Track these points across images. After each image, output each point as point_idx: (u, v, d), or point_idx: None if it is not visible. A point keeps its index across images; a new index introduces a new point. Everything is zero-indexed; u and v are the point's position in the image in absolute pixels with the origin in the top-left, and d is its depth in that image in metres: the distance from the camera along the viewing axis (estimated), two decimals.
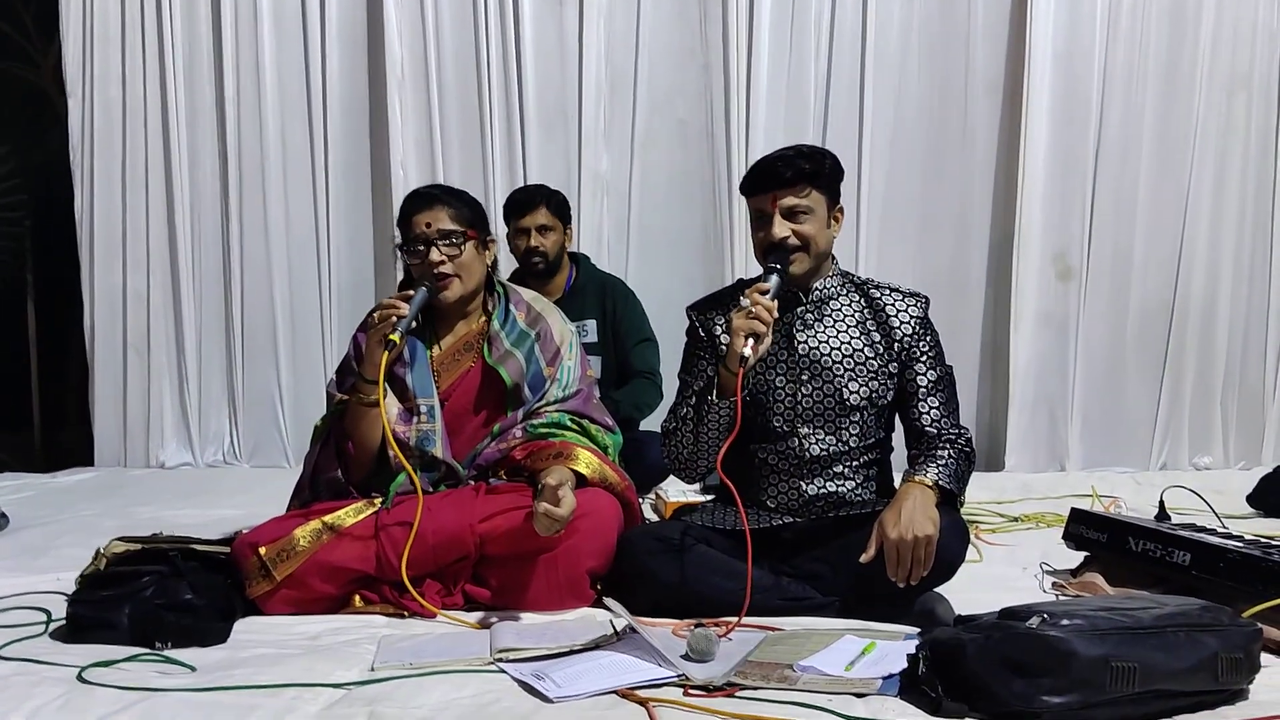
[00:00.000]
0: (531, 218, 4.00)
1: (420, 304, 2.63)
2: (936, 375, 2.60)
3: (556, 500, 2.37)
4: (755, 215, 2.58)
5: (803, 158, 2.52)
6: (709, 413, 2.48)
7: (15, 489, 4.34)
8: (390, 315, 2.57)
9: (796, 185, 2.51)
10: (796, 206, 2.52)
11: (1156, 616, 1.85)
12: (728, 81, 4.77)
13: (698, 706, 1.85)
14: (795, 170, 2.50)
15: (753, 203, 2.57)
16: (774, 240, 2.52)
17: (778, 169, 2.51)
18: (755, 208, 2.57)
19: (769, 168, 2.52)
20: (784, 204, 2.51)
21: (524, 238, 3.99)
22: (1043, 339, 4.65)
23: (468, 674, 2.06)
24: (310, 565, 2.49)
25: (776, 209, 2.51)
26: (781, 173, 2.50)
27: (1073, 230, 4.61)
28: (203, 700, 1.95)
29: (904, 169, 4.76)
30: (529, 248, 3.99)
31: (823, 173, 2.54)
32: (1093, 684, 1.75)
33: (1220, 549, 2.27)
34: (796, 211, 2.52)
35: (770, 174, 2.51)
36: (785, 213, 2.52)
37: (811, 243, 2.55)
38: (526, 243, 3.99)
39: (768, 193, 2.52)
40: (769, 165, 2.53)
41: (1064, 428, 4.64)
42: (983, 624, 1.89)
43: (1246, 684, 1.89)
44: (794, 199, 2.51)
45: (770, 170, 2.52)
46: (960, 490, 2.46)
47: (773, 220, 2.52)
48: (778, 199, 2.51)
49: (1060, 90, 4.58)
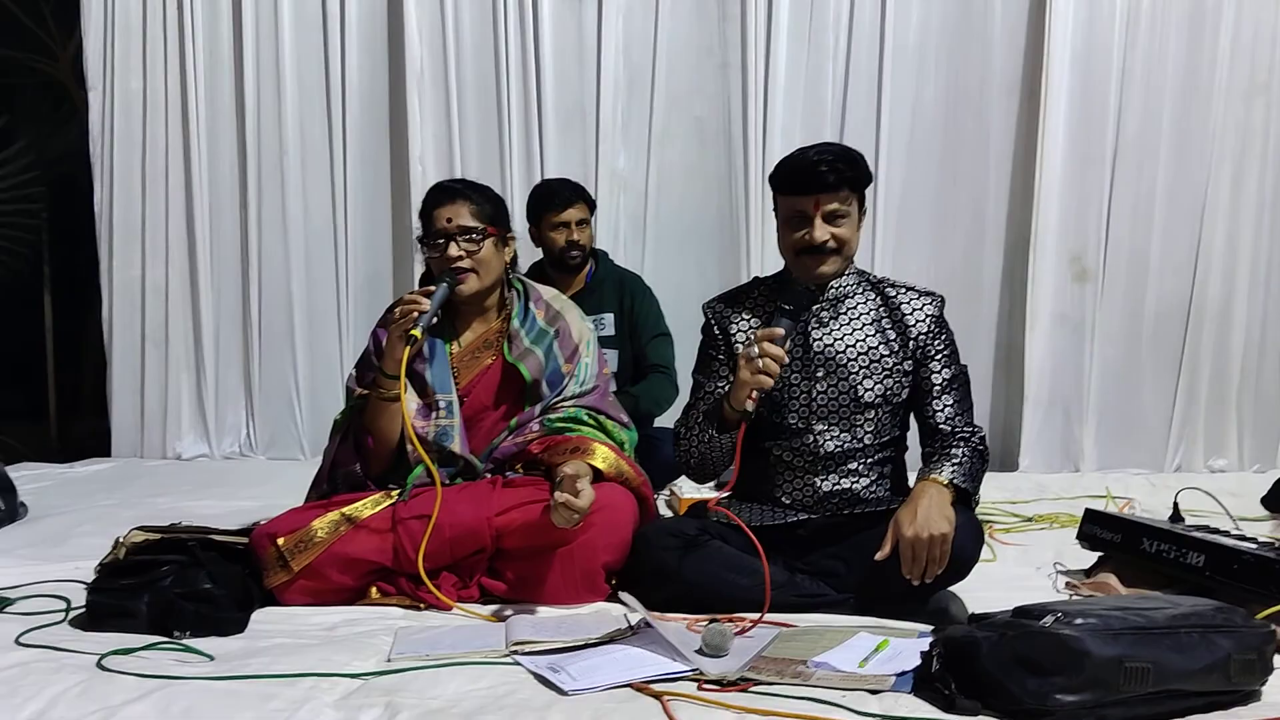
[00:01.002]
0: (570, 213, 4.02)
1: (441, 300, 2.65)
2: (951, 374, 2.61)
3: (575, 491, 2.38)
4: (792, 215, 2.55)
5: (845, 162, 2.51)
6: (712, 440, 2.52)
7: (34, 479, 4.37)
8: (412, 311, 2.59)
9: (840, 190, 2.52)
10: (837, 210, 2.53)
11: (1170, 617, 1.86)
12: (745, 80, 4.76)
13: (712, 701, 1.87)
14: (839, 175, 2.50)
15: (791, 201, 2.55)
16: (815, 243, 2.52)
17: (824, 173, 2.49)
18: (795, 208, 2.54)
19: (812, 170, 2.50)
20: (827, 208, 2.52)
21: (563, 232, 4.01)
22: (1058, 340, 4.64)
23: (484, 666, 2.08)
24: (328, 556, 2.51)
25: (819, 212, 2.52)
26: (826, 177, 2.49)
27: (1089, 232, 4.60)
28: (221, 689, 1.97)
29: (921, 169, 4.75)
30: (570, 241, 4.01)
31: (861, 178, 2.55)
32: (1106, 683, 1.76)
33: (1234, 551, 2.28)
34: (836, 215, 2.53)
35: (815, 177, 2.50)
36: (826, 216, 2.53)
37: (846, 245, 2.57)
38: (567, 236, 4.01)
39: (810, 195, 2.51)
40: (812, 167, 2.50)
41: (1079, 429, 4.63)
42: (996, 622, 1.90)
43: (1259, 685, 1.90)
44: (836, 203, 2.52)
45: (814, 173, 2.50)
46: (975, 489, 2.47)
47: (814, 223, 2.52)
48: (821, 203, 2.51)
49: (1078, 91, 4.56)
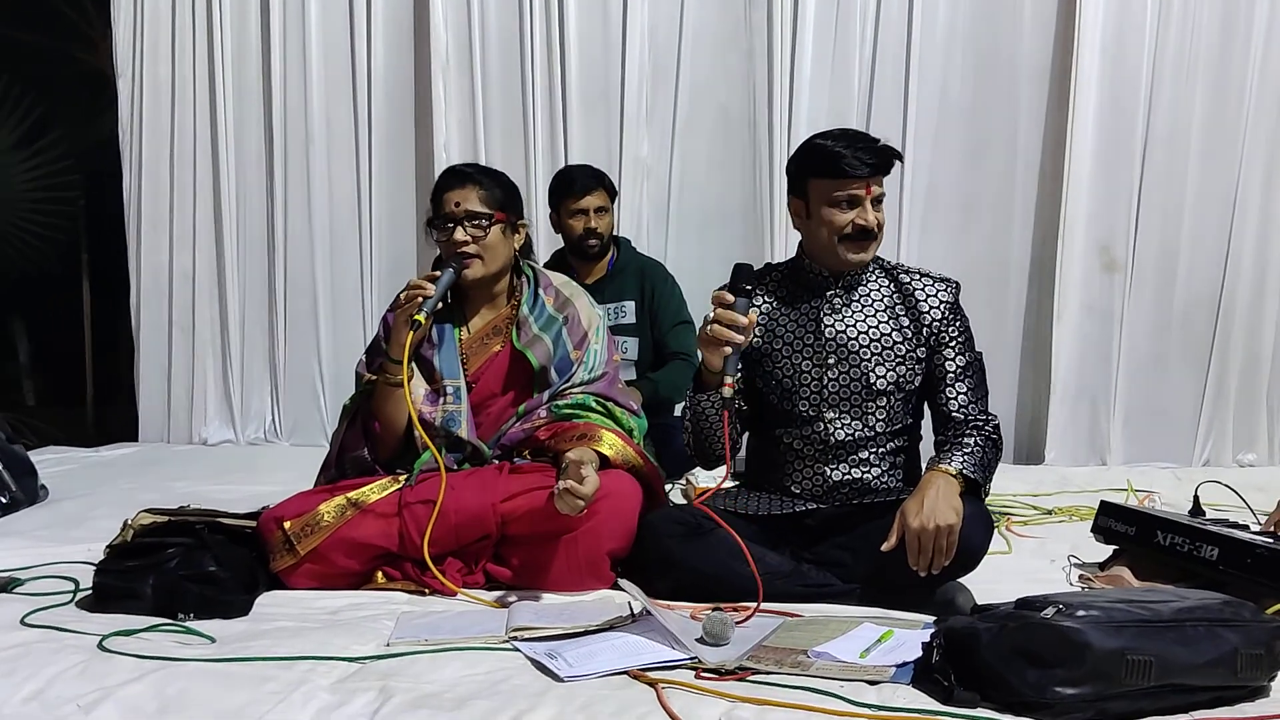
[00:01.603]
0: (590, 199, 4.02)
1: (447, 285, 2.64)
2: (965, 361, 2.57)
3: (580, 478, 2.37)
4: (841, 198, 2.50)
5: (888, 150, 2.53)
6: (696, 408, 2.52)
7: (58, 462, 4.40)
8: (417, 296, 2.58)
9: (886, 174, 2.54)
10: (881, 195, 2.55)
11: (1176, 610, 1.82)
12: (771, 67, 4.72)
13: (708, 689, 1.85)
14: (885, 158, 2.51)
15: (839, 184, 2.49)
16: (869, 226, 2.51)
17: (882, 154, 2.50)
18: (847, 191, 2.50)
19: (865, 154, 2.48)
20: (876, 191, 2.52)
21: (581, 219, 4.01)
22: (1086, 331, 4.57)
23: (482, 651, 2.07)
24: (334, 541, 2.51)
25: (870, 195, 2.51)
26: (876, 160, 2.49)
27: (1118, 222, 4.52)
28: (219, 670, 1.97)
29: (947, 157, 4.69)
30: (588, 229, 4.01)
31: (894, 164, 2.57)
32: (1108, 676, 1.72)
33: (1248, 545, 2.23)
34: (879, 199, 2.54)
35: (867, 161, 2.48)
36: (873, 200, 2.52)
37: (882, 231, 2.57)
38: (585, 223, 4.01)
39: (863, 179, 2.49)
40: (864, 151, 2.48)
41: (1106, 421, 4.56)
42: (998, 614, 1.87)
43: (1267, 681, 1.85)
44: (879, 187, 2.53)
45: (866, 157, 2.48)
46: (986, 479, 2.43)
47: (867, 206, 2.51)
48: (872, 186, 2.50)
49: (1109, 80, 4.49)
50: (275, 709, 1.80)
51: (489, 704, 1.81)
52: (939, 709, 1.76)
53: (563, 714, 1.77)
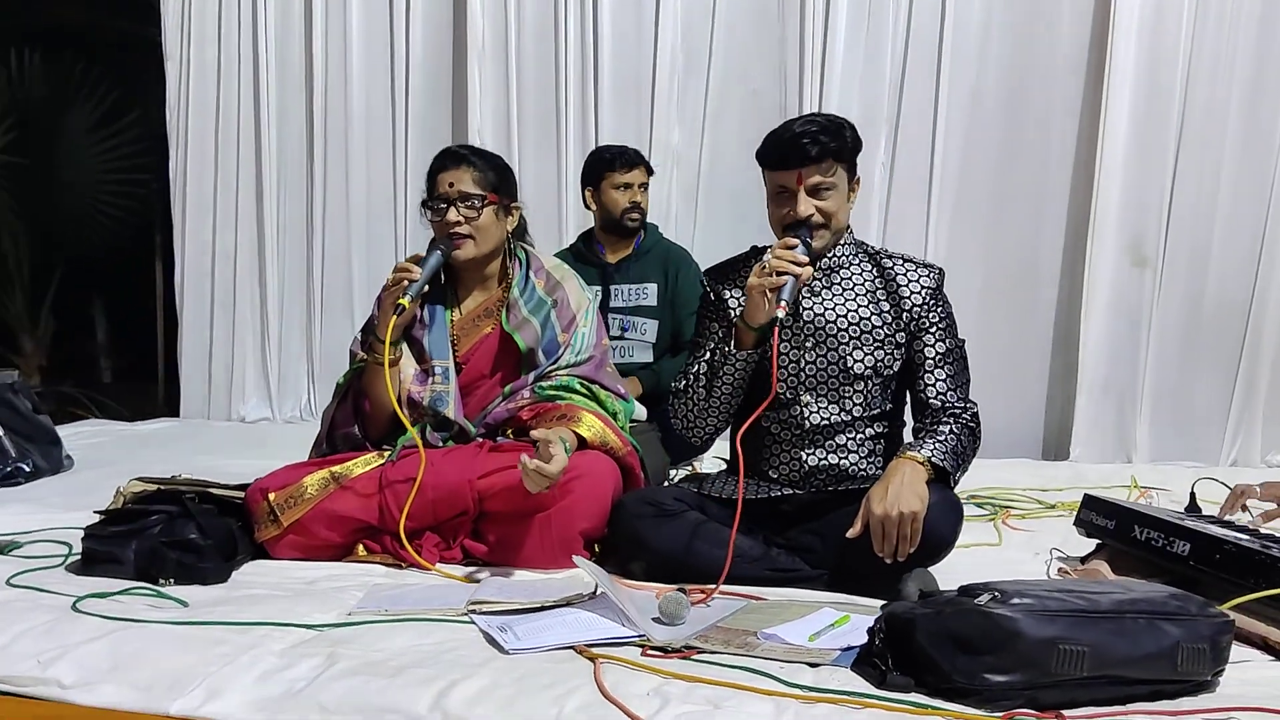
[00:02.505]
0: (635, 174, 4.05)
1: (434, 268, 2.68)
2: (946, 347, 2.55)
3: (548, 456, 2.39)
4: (776, 190, 2.54)
5: (827, 134, 2.48)
6: (724, 364, 2.49)
7: (92, 434, 4.54)
8: (403, 279, 2.62)
9: (822, 162, 2.48)
10: (821, 183, 2.50)
11: (1117, 601, 1.80)
12: (802, 54, 4.70)
13: (643, 665, 1.87)
14: (821, 148, 2.47)
15: (774, 177, 2.53)
16: (800, 218, 2.49)
17: (804, 146, 2.46)
18: (778, 183, 2.52)
19: (794, 143, 2.47)
20: (810, 182, 2.49)
21: (625, 193, 4.02)
22: (1114, 327, 4.49)
23: (438, 623, 2.10)
24: (316, 513, 2.56)
25: (802, 186, 2.49)
26: (809, 150, 2.46)
27: (1150, 218, 4.43)
28: (176, 633, 2.03)
29: (979, 148, 4.63)
30: (633, 202, 4.03)
31: (845, 148, 2.51)
32: (1038, 665, 1.72)
33: (1217, 540, 2.19)
34: (820, 188, 2.50)
35: (796, 150, 2.47)
36: (810, 189, 2.50)
37: (834, 218, 2.54)
38: (630, 197, 4.02)
39: (792, 169, 2.48)
40: (794, 140, 2.47)
41: (1132, 419, 4.48)
42: (938, 600, 1.87)
43: (1211, 676, 1.83)
44: (819, 176, 2.49)
45: (796, 146, 2.47)
46: (957, 468, 2.41)
47: (797, 197, 2.50)
48: (803, 177, 2.48)
49: (1144, 73, 4.39)
50: (221, 670, 1.86)
51: (426, 673, 1.84)
52: (868, 692, 1.76)
53: (496, 684, 1.79)
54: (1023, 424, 4.68)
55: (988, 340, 4.64)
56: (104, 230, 6.70)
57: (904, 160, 4.67)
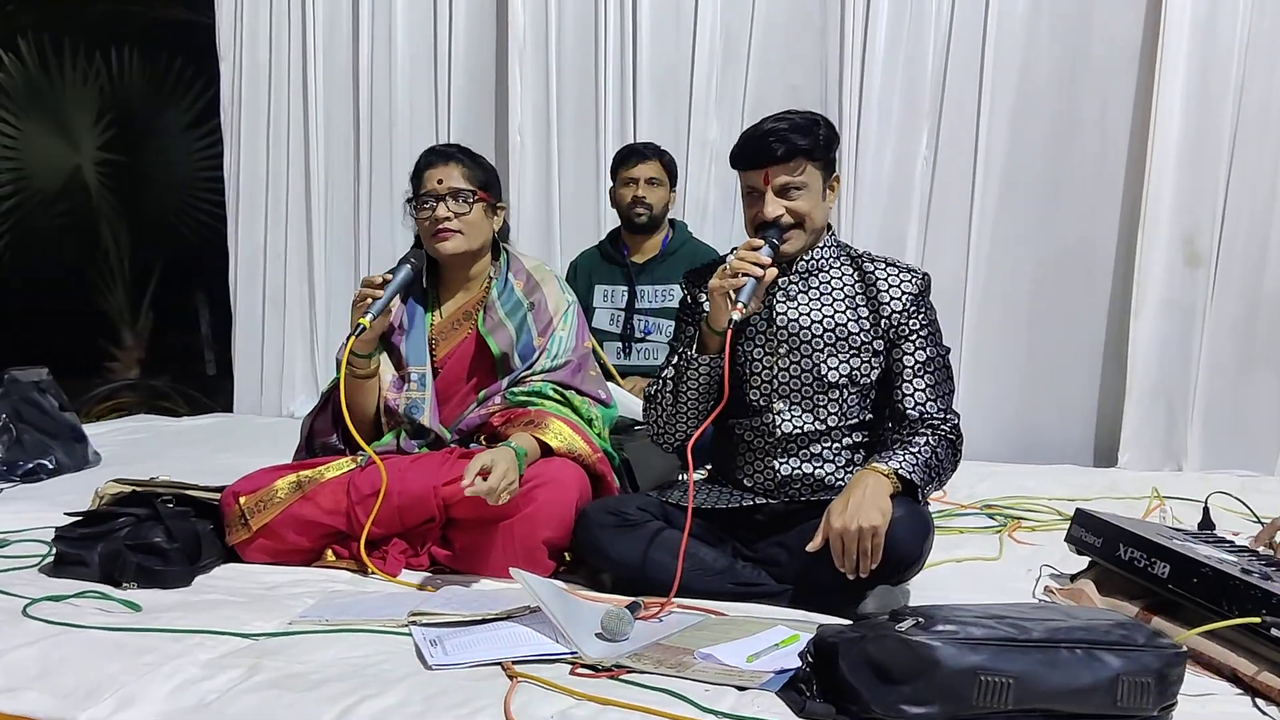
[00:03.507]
0: (641, 169, 4.03)
1: (402, 284, 2.64)
2: (926, 356, 2.44)
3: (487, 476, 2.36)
4: (746, 191, 2.47)
5: (796, 131, 2.40)
6: (687, 369, 2.42)
7: (132, 430, 4.62)
8: (368, 297, 2.59)
9: (791, 161, 2.40)
10: (790, 183, 2.41)
11: (1051, 630, 1.70)
12: (843, 47, 4.58)
13: (560, 687, 1.81)
14: (789, 146, 2.39)
15: (744, 177, 2.47)
16: (767, 219, 2.42)
17: (770, 145, 2.39)
18: (747, 183, 2.46)
19: (760, 142, 2.41)
20: (777, 182, 2.41)
21: (631, 187, 4.01)
22: (1165, 328, 4.27)
23: (376, 634, 2.07)
24: (285, 518, 2.55)
25: (769, 186, 2.41)
26: (774, 149, 2.39)
27: (1204, 212, 4.20)
28: (111, 640, 2.03)
29: (1025, 142, 4.45)
30: (635, 197, 4.01)
31: (817, 146, 2.42)
32: (957, 696, 1.63)
33: (1195, 563, 2.06)
34: (790, 188, 2.42)
35: (762, 149, 2.40)
36: (778, 190, 2.42)
37: (806, 219, 2.45)
38: (634, 192, 4.00)
39: (759, 169, 2.41)
40: (760, 139, 2.41)
41: (1183, 425, 4.26)
42: (868, 623, 1.79)
43: (1156, 711, 1.71)
44: (787, 176, 2.41)
45: (762, 145, 2.40)
46: (927, 481, 2.30)
47: (764, 198, 2.42)
48: (770, 177, 2.41)
49: (1197, 64, 4.16)
50: (139, 680, 1.85)
51: (342, 687, 1.81)
52: None
53: (405, 702, 1.76)
54: (1072, 429, 4.50)
55: (1034, 341, 4.52)
56: (202, 226, 6.86)
57: (946, 154, 4.52)
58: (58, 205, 7.35)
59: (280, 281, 5.56)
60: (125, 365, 7.60)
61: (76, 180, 7.28)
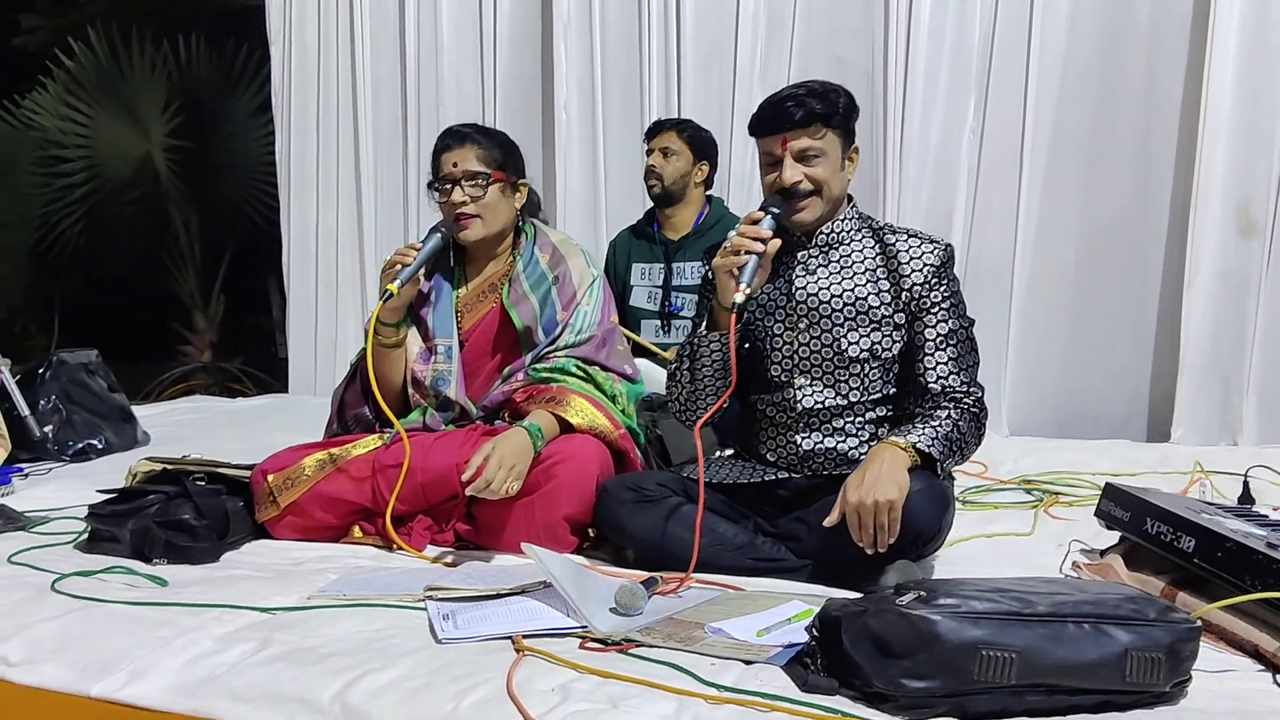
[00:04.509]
0: (656, 140, 4.04)
1: (431, 252, 2.66)
2: (949, 328, 2.40)
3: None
4: (764, 158, 2.46)
5: (815, 96, 2.38)
6: (699, 347, 2.42)
7: (186, 410, 4.70)
8: (397, 264, 2.61)
9: (809, 126, 2.38)
10: (809, 149, 2.39)
11: (1057, 604, 1.67)
12: (888, 18, 4.51)
13: (565, 660, 1.80)
14: (807, 110, 2.37)
15: (762, 144, 2.45)
16: (785, 185, 2.39)
17: (788, 109, 2.37)
18: (764, 150, 2.45)
19: (778, 107, 2.39)
20: (795, 146, 2.39)
21: (650, 159, 4.02)
22: (1219, 300, 4.15)
23: (386, 609, 2.08)
24: (312, 495, 2.58)
25: (787, 151, 2.39)
26: (792, 113, 2.37)
27: (1258, 180, 4.06)
28: (130, 614, 2.06)
29: (1074, 111, 4.35)
30: (647, 168, 4.03)
31: (836, 112, 2.39)
32: (959, 671, 1.60)
33: (1219, 537, 2.01)
34: (809, 154, 2.39)
35: (780, 114, 2.39)
36: (797, 155, 2.39)
37: (825, 186, 2.42)
38: (647, 164, 4.03)
39: (777, 134, 2.39)
40: (778, 104, 2.40)
41: (1238, 398, 4.14)
42: (870, 597, 1.76)
43: (1169, 687, 1.67)
44: (807, 140, 2.38)
45: (780, 110, 2.39)
46: (948, 454, 2.26)
47: (783, 163, 2.40)
48: (788, 141, 2.39)
49: (1250, 27, 4.02)
50: (152, 652, 1.88)
51: (349, 660, 1.82)
52: (778, 694, 1.66)
53: (409, 676, 1.76)
54: (1124, 403, 4.40)
55: (1084, 315, 4.42)
56: (270, 210, 6.95)
57: (994, 126, 4.43)
58: (129, 192, 7.53)
59: (332, 262, 5.62)
60: (198, 349, 7.76)
61: (147, 167, 7.43)
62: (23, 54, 7.87)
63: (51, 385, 3.71)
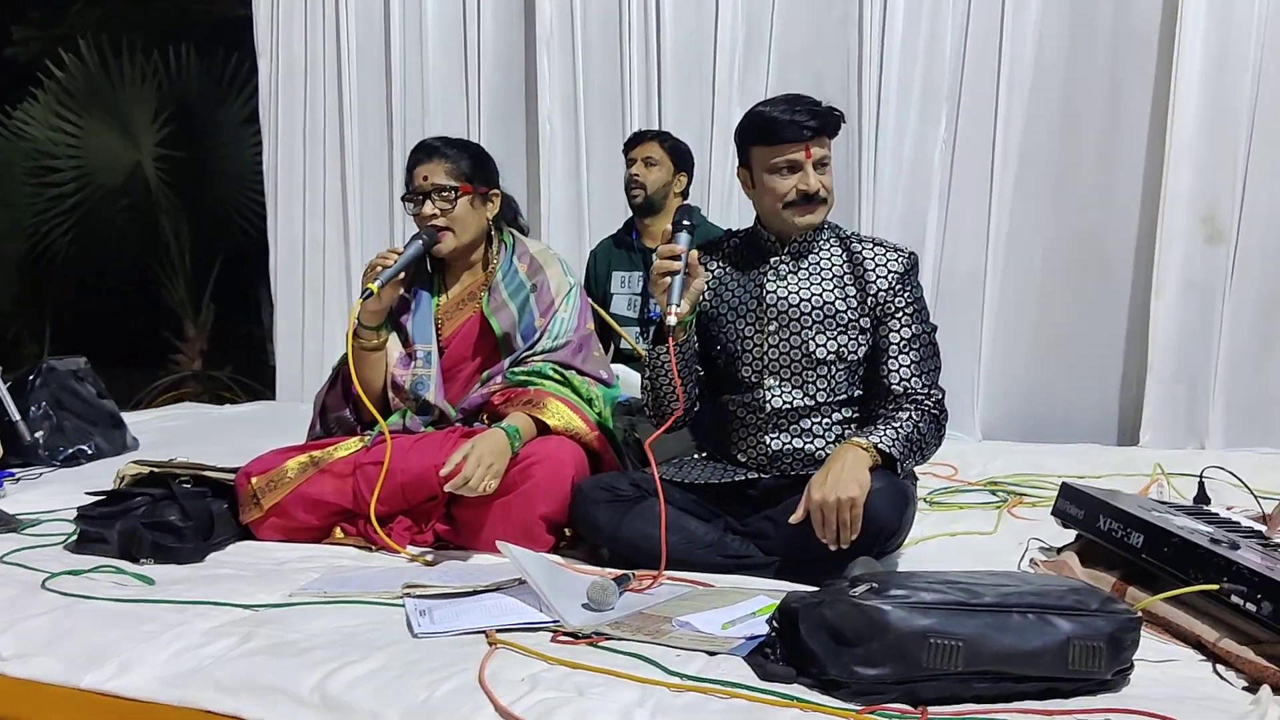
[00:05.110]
0: (639, 149, 4.14)
1: (413, 256, 2.74)
2: (912, 333, 2.49)
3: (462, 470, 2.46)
4: (781, 165, 2.48)
5: (828, 109, 2.48)
6: (652, 361, 2.53)
7: (174, 417, 4.76)
8: (378, 266, 2.69)
9: (824, 136, 2.48)
10: (825, 158, 2.50)
11: (1003, 595, 1.75)
12: (862, 33, 4.61)
13: (536, 652, 1.88)
14: (825, 120, 2.46)
15: (778, 150, 2.47)
16: (812, 191, 2.47)
17: (813, 118, 2.45)
18: (785, 156, 2.47)
19: (799, 117, 2.45)
20: (817, 154, 2.48)
21: (631, 168, 4.12)
22: (1186, 307, 4.26)
23: (368, 606, 2.16)
24: (294, 497, 2.66)
25: (811, 160, 2.47)
26: (818, 123, 2.45)
27: (1223, 189, 4.18)
28: (116, 610, 2.14)
29: (1044, 122, 4.45)
30: (629, 177, 4.13)
31: (839, 126, 2.52)
32: (908, 658, 1.68)
33: (1166, 533, 2.09)
34: (823, 163, 2.50)
35: (802, 123, 2.45)
36: (815, 164, 2.48)
37: (831, 194, 2.53)
38: (630, 172, 4.11)
39: (801, 143, 2.46)
40: (798, 114, 2.45)
41: (1205, 403, 4.24)
42: (827, 590, 1.84)
43: (1110, 675, 1.75)
44: (823, 150, 2.49)
45: (801, 119, 2.45)
46: (908, 454, 2.35)
47: (808, 171, 2.47)
48: (811, 149, 2.46)
49: (1215, 40, 4.12)
50: (139, 646, 1.95)
51: (326, 654, 1.89)
52: (739, 683, 1.74)
53: (385, 668, 1.84)
54: (1094, 409, 4.50)
55: (1055, 322, 4.53)
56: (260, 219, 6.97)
57: (965, 137, 4.54)
58: (120, 201, 7.60)
59: (319, 270, 5.71)
60: (189, 357, 7.82)
61: (137, 176, 7.49)
62: (14, 65, 7.94)
63: (42, 392, 3.78)
